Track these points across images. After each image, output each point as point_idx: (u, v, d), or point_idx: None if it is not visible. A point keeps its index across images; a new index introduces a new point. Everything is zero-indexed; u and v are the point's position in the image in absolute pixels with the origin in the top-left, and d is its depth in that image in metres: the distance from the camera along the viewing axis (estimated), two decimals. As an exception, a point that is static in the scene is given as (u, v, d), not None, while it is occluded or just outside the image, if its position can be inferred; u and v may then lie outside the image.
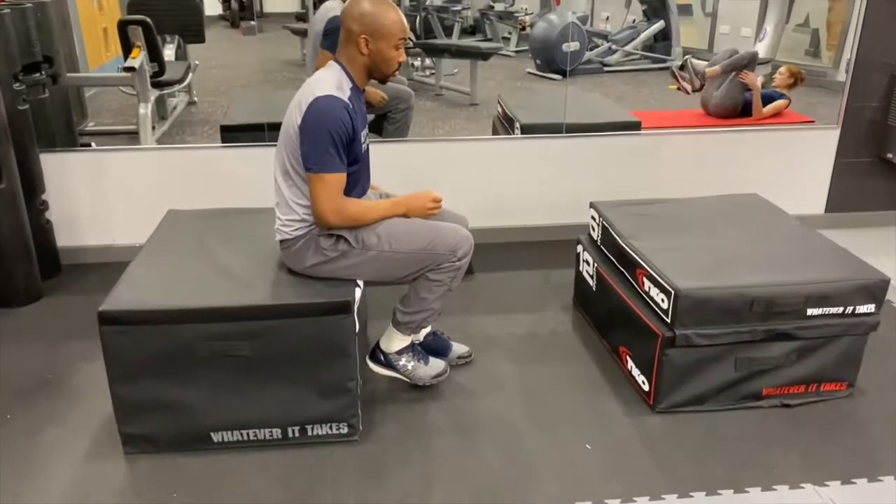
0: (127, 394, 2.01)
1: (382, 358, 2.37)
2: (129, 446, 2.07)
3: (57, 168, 3.14)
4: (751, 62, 4.28)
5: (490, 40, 6.49)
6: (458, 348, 2.54)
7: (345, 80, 2.08)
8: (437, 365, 2.41)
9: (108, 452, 2.08)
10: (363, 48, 2.05)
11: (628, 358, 2.42)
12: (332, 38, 3.22)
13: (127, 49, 3.73)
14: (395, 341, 2.34)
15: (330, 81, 2.04)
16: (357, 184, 2.18)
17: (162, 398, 2.02)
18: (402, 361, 2.35)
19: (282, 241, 2.17)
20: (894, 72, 3.50)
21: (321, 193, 2.02)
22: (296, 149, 2.03)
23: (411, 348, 2.36)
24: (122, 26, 3.73)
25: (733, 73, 4.24)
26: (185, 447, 2.08)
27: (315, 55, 3.35)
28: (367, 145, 2.24)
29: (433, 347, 2.49)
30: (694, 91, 4.45)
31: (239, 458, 2.08)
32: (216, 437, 2.09)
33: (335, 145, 1.99)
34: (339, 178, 2.04)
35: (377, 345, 2.38)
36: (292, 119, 2.03)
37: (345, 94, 2.03)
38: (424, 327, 2.36)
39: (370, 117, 3.30)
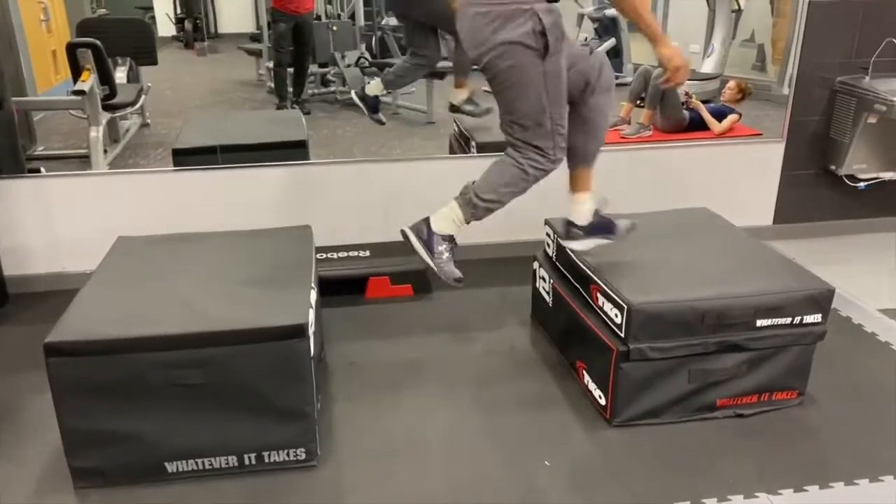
0: (76, 426, 1.96)
1: (425, 233, 2.32)
2: (79, 480, 2.02)
3: (3, 195, 3.07)
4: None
5: (446, 59, 6.54)
6: (623, 222, 2.50)
7: None
8: (457, 272, 2.39)
9: (59, 487, 2.03)
10: None
11: (585, 373, 2.44)
12: None
13: (77, 72, 3.68)
14: (449, 221, 2.31)
15: None
16: None
17: (113, 430, 1.97)
18: (442, 248, 2.33)
19: (487, 14, 2.07)
20: (834, 86, 3.62)
21: None
22: None
23: (453, 240, 2.34)
24: (71, 49, 3.68)
25: (663, 99, 4.33)
26: (139, 479, 2.04)
27: None
28: None
29: (600, 226, 2.48)
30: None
31: (194, 487, 2.04)
32: (170, 467, 2.04)
33: None
34: None
35: (426, 219, 2.34)
36: None
37: None
38: (477, 218, 2.32)
39: None
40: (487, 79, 2.23)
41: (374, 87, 3.58)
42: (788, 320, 2.28)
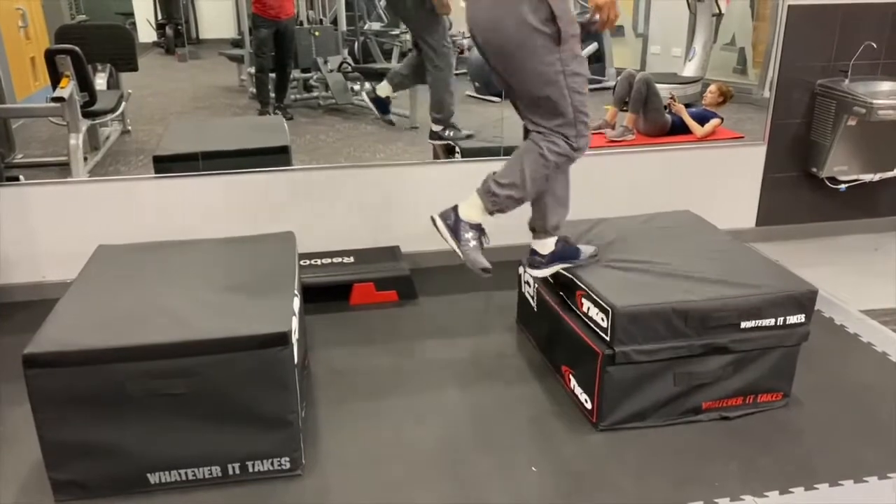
0: (56, 438, 1.94)
1: (453, 219, 2.32)
2: (60, 493, 1.99)
3: (-19, 204, 3.03)
4: (647, 86, 4.39)
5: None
6: (587, 249, 2.53)
7: None
8: (485, 261, 2.38)
9: (39, 500, 2.00)
10: None
11: (571, 377, 2.44)
12: None
13: (56, 79, 3.64)
14: (474, 209, 2.30)
15: None
16: None
17: (94, 441, 1.95)
18: (469, 235, 2.32)
19: None
20: (814, 89, 3.65)
21: None
22: None
23: (480, 229, 2.34)
24: (50, 56, 3.64)
25: (646, 103, 4.35)
26: (121, 491, 2.01)
27: None
28: None
29: (563, 254, 2.48)
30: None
31: (177, 499, 2.01)
32: (153, 478, 2.02)
33: None
34: None
35: (454, 207, 2.34)
36: None
37: None
38: (501, 210, 2.32)
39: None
40: (500, 69, 2.23)
41: (383, 88, 3.59)
42: (772, 322, 2.29)
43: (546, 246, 2.48)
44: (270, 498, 2.03)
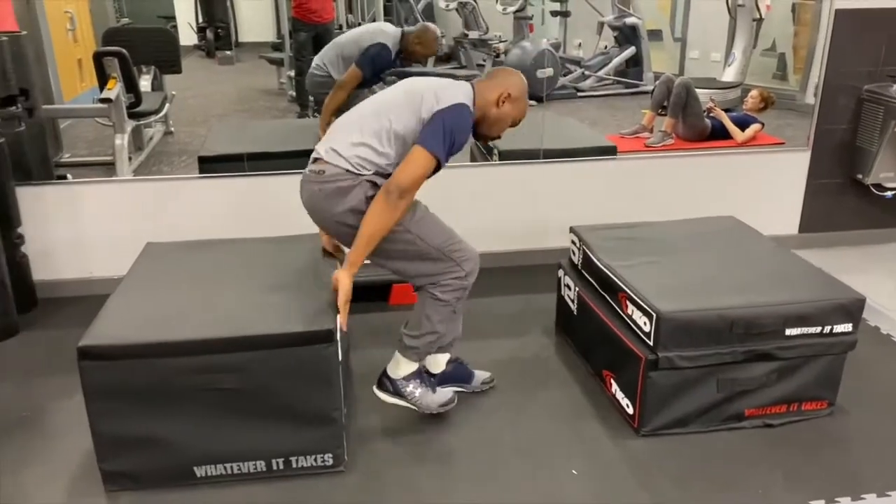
0: (107, 430, 1.98)
1: (389, 385, 2.33)
2: (110, 483, 2.03)
3: (33, 201, 3.11)
4: (687, 91, 4.34)
5: (465, 67, 6.55)
6: (481, 375, 2.54)
7: (472, 102, 2.17)
8: (444, 393, 2.38)
9: (89, 490, 2.04)
10: (500, 102, 2.20)
11: (612, 381, 2.43)
12: (367, 61, 3.27)
13: (103, 80, 3.72)
14: (402, 366, 2.30)
15: (469, 97, 2.15)
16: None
17: (143, 433, 1.99)
18: (410, 388, 2.32)
19: (328, 173, 2.10)
20: (861, 95, 3.59)
21: (418, 168, 2.04)
22: (412, 121, 2.08)
23: (418, 375, 2.33)
24: (98, 58, 3.72)
25: (685, 108, 4.32)
26: (168, 483, 2.05)
27: (343, 63, 3.40)
28: None
29: (455, 376, 2.48)
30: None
31: (223, 492, 2.05)
32: (199, 471, 2.05)
33: (451, 148, 2.09)
34: (431, 170, 2.08)
35: (384, 372, 2.34)
36: (425, 100, 2.08)
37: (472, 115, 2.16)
38: (430, 352, 2.32)
39: None
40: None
41: None
42: (818, 329, 2.26)
43: (437, 364, 2.40)
44: (313, 493, 2.05)
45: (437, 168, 2.11)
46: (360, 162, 2.10)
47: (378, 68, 2.12)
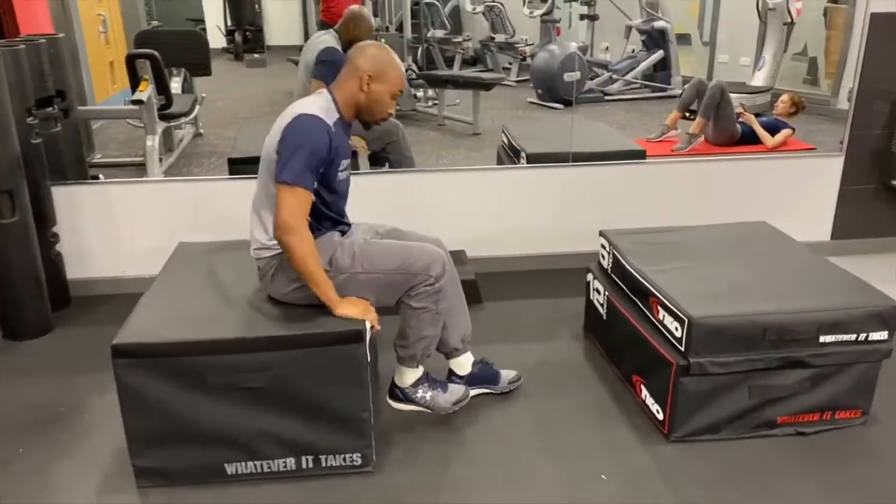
0: (140, 426, 2.01)
1: (400, 394, 2.35)
2: (142, 479, 2.05)
3: (67, 201, 3.16)
4: (721, 93, 4.30)
5: (491, 70, 6.57)
6: (507, 374, 2.53)
7: (332, 108, 2.10)
8: (456, 390, 2.39)
9: (121, 486, 2.06)
10: (364, 86, 2.08)
11: (642, 387, 2.41)
12: (325, 67, 3.29)
13: (135, 82, 3.77)
14: (406, 375, 2.33)
15: (317, 105, 2.06)
16: (331, 210, 2.18)
17: (176, 430, 2.01)
18: (420, 393, 2.34)
19: (259, 268, 2.17)
20: None
21: (288, 204, 1.97)
22: (271, 167, 2.03)
23: (425, 378, 2.35)
24: (131, 60, 3.78)
25: (717, 110, 4.28)
26: (200, 479, 2.07)
27: (306, 84, 3.41)
28: (348, 177, 2.23)
29: (481, 377, 2.48)
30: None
31: (252, 489, 2.06)
32: (230, 468, 2.07)
33: (311, 162, 1.98)
34: (307, 196, 2.01)
35: (393, 382, 2.37)
36: (274, 139, 2.04)
37: (330, 119, 2.05)
38: (428, 355, 2.33)
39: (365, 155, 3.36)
40: None
41: None
42: (853, 337, 2.22)
43: (462, 366, 2.44)
44: (341, 492, 2.06)
45: (328, 181, 2.08)
46: (270, 245, 2.10)
47: (336, 67, 2.13)
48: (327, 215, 2.17)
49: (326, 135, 2.01)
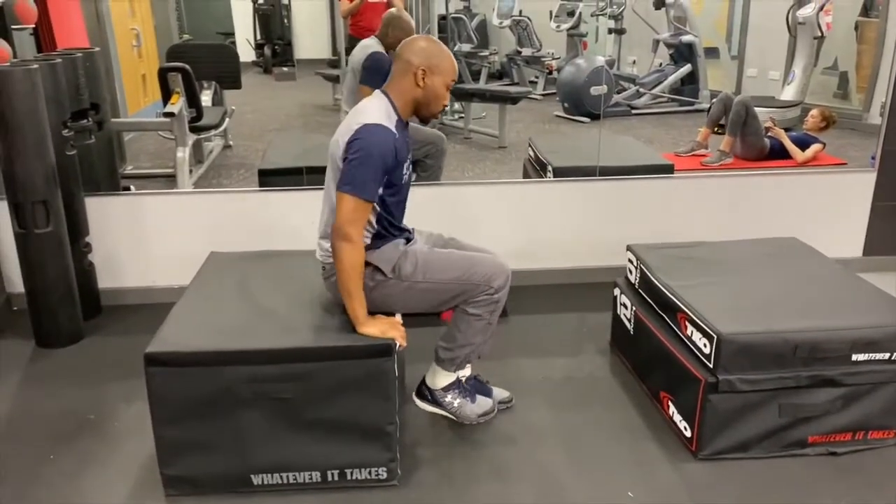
0: (170, 435, 2.02)
1: (429, 395, 2.35)
2: (170, 488, 2.07)
3: (100, 211, 3.21)
4: (746, 109, 4.27)
5: (517, 84, 6.57)
6: (499, 393, 2.52)
7: (391, 110, 2.11)
8: (484, 403, 2.39)
9: (150, 494, 2.08)
10: (419, 80, 2.09)
11: (669, 403, 2.39)
12: (370, 72, 3.33)
13: (166, 95, 3.84)
14: (440, 378, 2.33)
15: (377, 111, 2.07)
16: (394, 217, 2.20)
17: (204, 440, 2.03)
18: (449, 398, 2.34)
19: (324, 269, 2.19)
20: (930, 115, 3.49)
21: (347, 212, 2.00)
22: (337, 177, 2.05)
23: (457, 385, 2.35)
24: (163, 73, 3.84)
25: (744, 126, 4.25)
26: (226, 489, 2.08)
27: (354, 91, 3.44)
28: (410, 177, 2.26)
29: (472, 392, 2.48)
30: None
31: (278, 501, 2.07)
32: (256, 479, 2.08)
33: (377, 174, 2.01)
34: (367, 206, 2.03)
35: (423, 381, 2.37)
36: (338, 147, 2.05)
37: (391, 123, 2.06)
38: (469, 362, 2.34)
39: None
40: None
41: None
42: (886, 356, 2.19)
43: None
44: (367, 506, 2.06)
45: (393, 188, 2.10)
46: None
47: (384, 72, 2.15)
48: (391, 222, 2.19)
49: (392, 144, 2.03)
